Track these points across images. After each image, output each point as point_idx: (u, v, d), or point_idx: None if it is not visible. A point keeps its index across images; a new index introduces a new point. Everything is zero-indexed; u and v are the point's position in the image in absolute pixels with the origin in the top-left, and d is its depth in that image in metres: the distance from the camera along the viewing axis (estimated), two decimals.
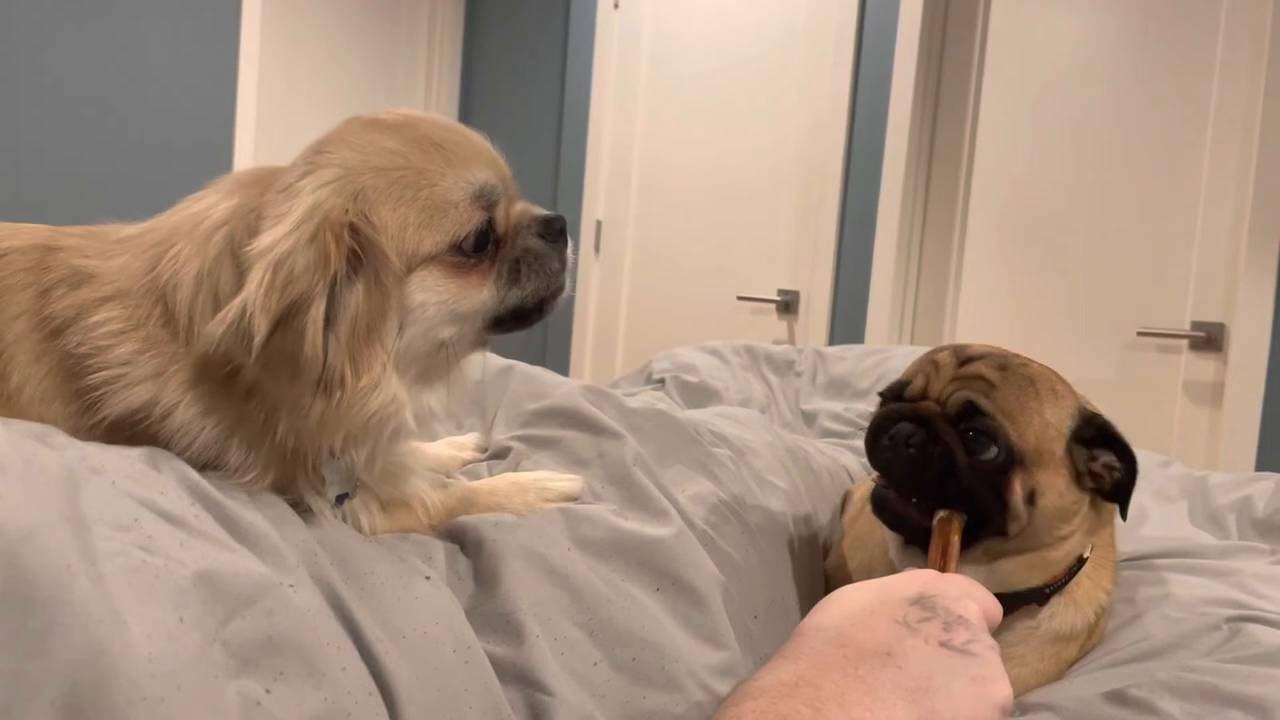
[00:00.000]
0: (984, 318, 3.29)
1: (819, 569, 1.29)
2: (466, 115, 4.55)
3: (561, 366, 4.23)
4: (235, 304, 0.75)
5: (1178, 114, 2.91)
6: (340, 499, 0.88)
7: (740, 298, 3.79)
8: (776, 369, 2.28)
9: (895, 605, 0.75)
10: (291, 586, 0.70)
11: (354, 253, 0.78)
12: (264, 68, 3.80)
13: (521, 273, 0.89)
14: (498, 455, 1.16)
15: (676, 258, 3.97)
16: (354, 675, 0.69)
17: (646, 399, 1.33)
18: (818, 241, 3.60)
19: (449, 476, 1.10)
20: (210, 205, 0.84)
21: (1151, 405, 2.95)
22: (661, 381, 2.19)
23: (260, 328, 0.74)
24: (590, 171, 4.18)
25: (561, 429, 1.15)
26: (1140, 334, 2.94)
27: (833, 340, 3.54)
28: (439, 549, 0.92)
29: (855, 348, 2.38)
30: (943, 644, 0.72)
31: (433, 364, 0.88)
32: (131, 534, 0.61)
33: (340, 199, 0.79)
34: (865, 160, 3.47)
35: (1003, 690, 0.70)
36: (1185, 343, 2.90)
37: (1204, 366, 2.88)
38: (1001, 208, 3.25)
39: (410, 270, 0.82)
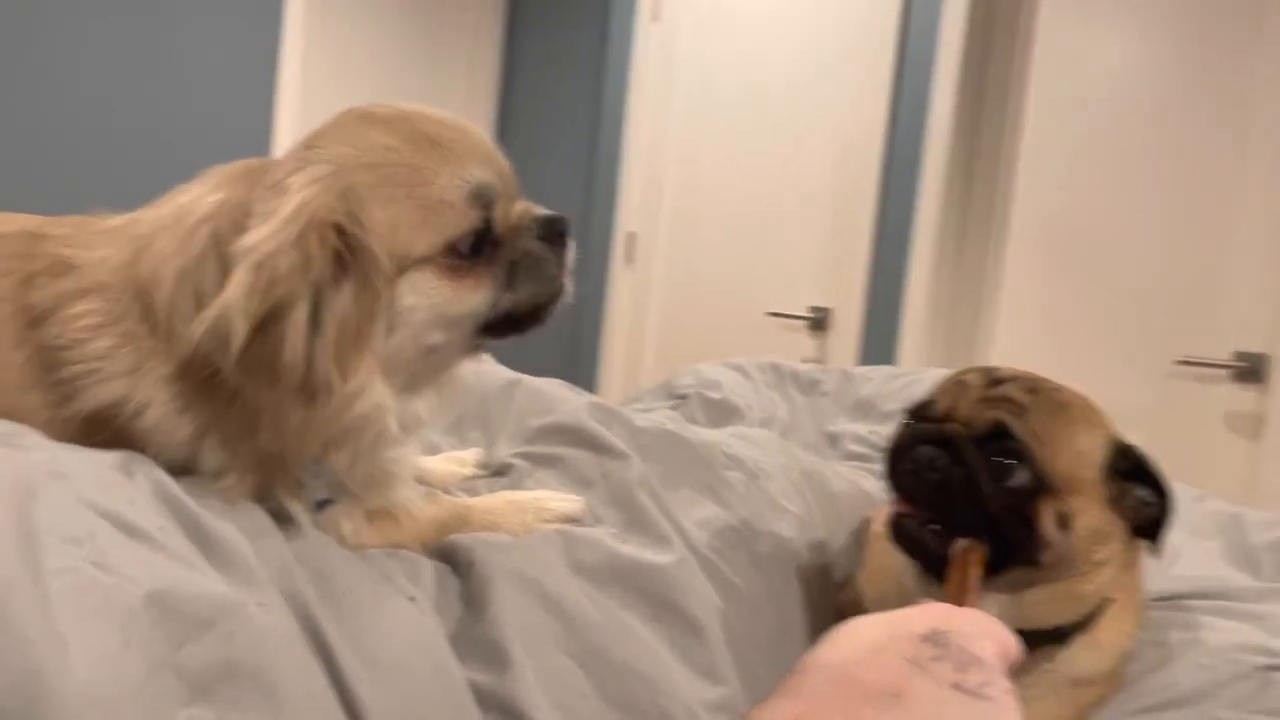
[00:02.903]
0: (1020, 340, 3.21)
1: (831, 598, 1.24)
2: (504, 124, 4.54)
3: (589, 379, 4.19)
4: (216, 306, 0.72)
5: (1221, 136, 2.83)
6: (321, 505, 0.85)
7: (770, 314, 3.74)
8: (802, 388, 2.23)
9: (906, 642, 0.69)
10: (260, 605, 0.67)
11: (341, 254, 0.75)
12: (305, 74, 3.81)
13: (518, 277, 0.86)
14: (499, 472, 1.12)
15: (707, 271, 3.92)
16: (320, 703, 0.65)
17: (657, 418, 1.29)
18: (851, 258, 3.54)
19: (447, 492, 1.07)
20: (196, 199, 0.81)
21: (1189, 437, 2.86)
22: (684, 397, 2.15)
23: (239, 331, 0.71)
24: (623, 183, 4.14)
25: (565, 447, 1.12)
26: (1179, 363, 2.85)
27: (864, 360, 3.47)
28: (428, 568, 0.88)
29: (883, 369, 2.33)
30: (955, 685, 0.67)
31: (421, 369, 0.84)
32: (84, 549, 0.58)
33: (329, 197, 0.76)
34: (901, 177, 3.41)
35: None
36: (1227, 373, 2.81)
37: (1245, 398, 2.78)
38: (1040, 229, 3.18)
39: (401, 272, 0.79)
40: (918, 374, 2.18)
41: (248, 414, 0.77)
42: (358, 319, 0.77)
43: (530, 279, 0.86)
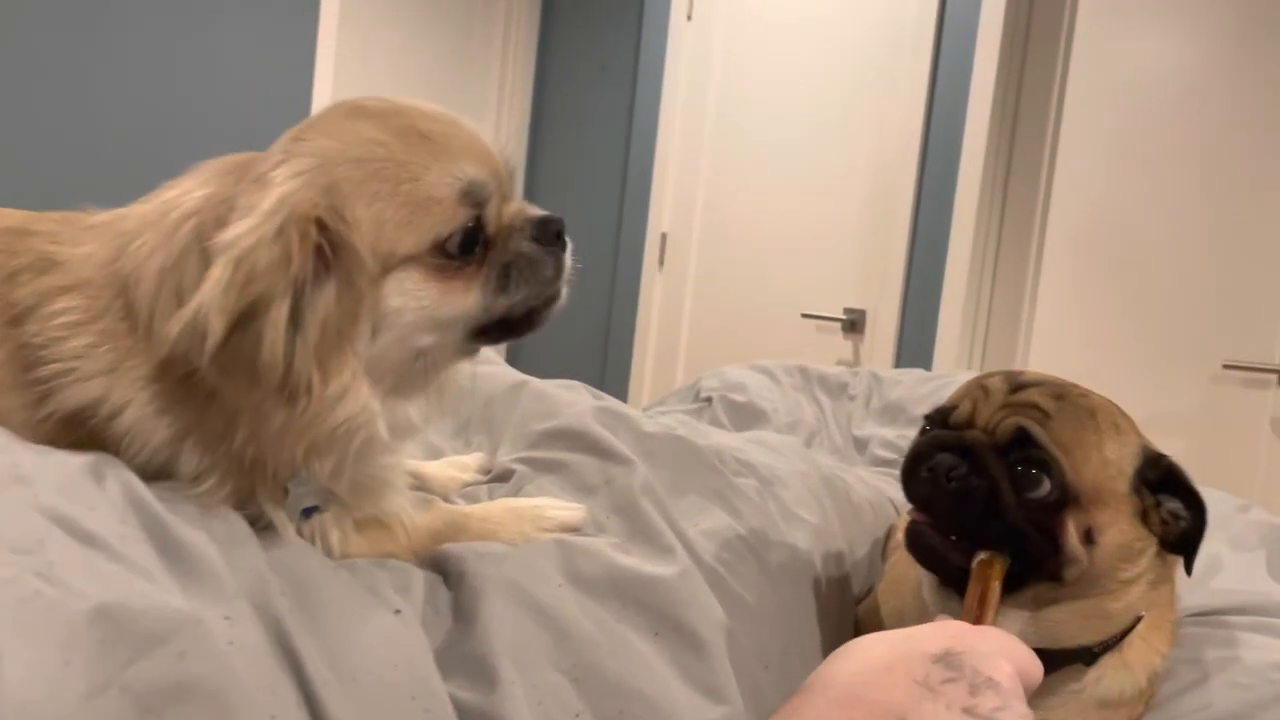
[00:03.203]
0: (1058, 344, 3.14)
1: (849, 613, 1.20)
2: (537, 124, 4.52)
3: (622, 380, 4.16)
4: (192, 302, 0.70)
5: (1266, 135, 2.75)
6: (308, 512, 0.82)
7: (805, 315, 3.69)
8: (829, 391, 2.18)
9: (917, 662, 0.65)
10: (227, 618, 0.64)
11: (324, 250, 0.72)
12: (339, 78, 3.81)
13: (511, 279, 0.82)
14: (500, 478, 1.09)
15: (741, 273, 3.88)
16: None
17: (667, 422, 1.25)
18: (887, 260, 3.49)
19: (447, 499, 1.04)
20: (182, 193, 0.79)
21: (1236, 443, 2.78)
22: (708, 400, 2.11)
23: (215, 329, 0.69)
24: (657, 183, 4.11)
25: (569, 452, 1.08)
26: (1226, 367, 2.78)
27: (899, 362, 3.42)
28: (418, 579, 0.85)
29: (914, 372, 2.27)
30: (966, 710, 0.62)
31: (410, 373, 0.81)
32: (31, 558, 0.55)
33: (311, 192, 0.73)
34: (938, 178, 3.35)
35: None
36: (1275, 377, 2.74)
37: None
38: (1080, 230, 3.11)
39: (387, 271, 0.75)
40: (949, 377, 2.12)
41: (227, 417, 0.74)
42: (340, 319, 0.74)
43: (524, 282, 0.82)
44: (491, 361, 1.39)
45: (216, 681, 0.58)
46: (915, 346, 3.40)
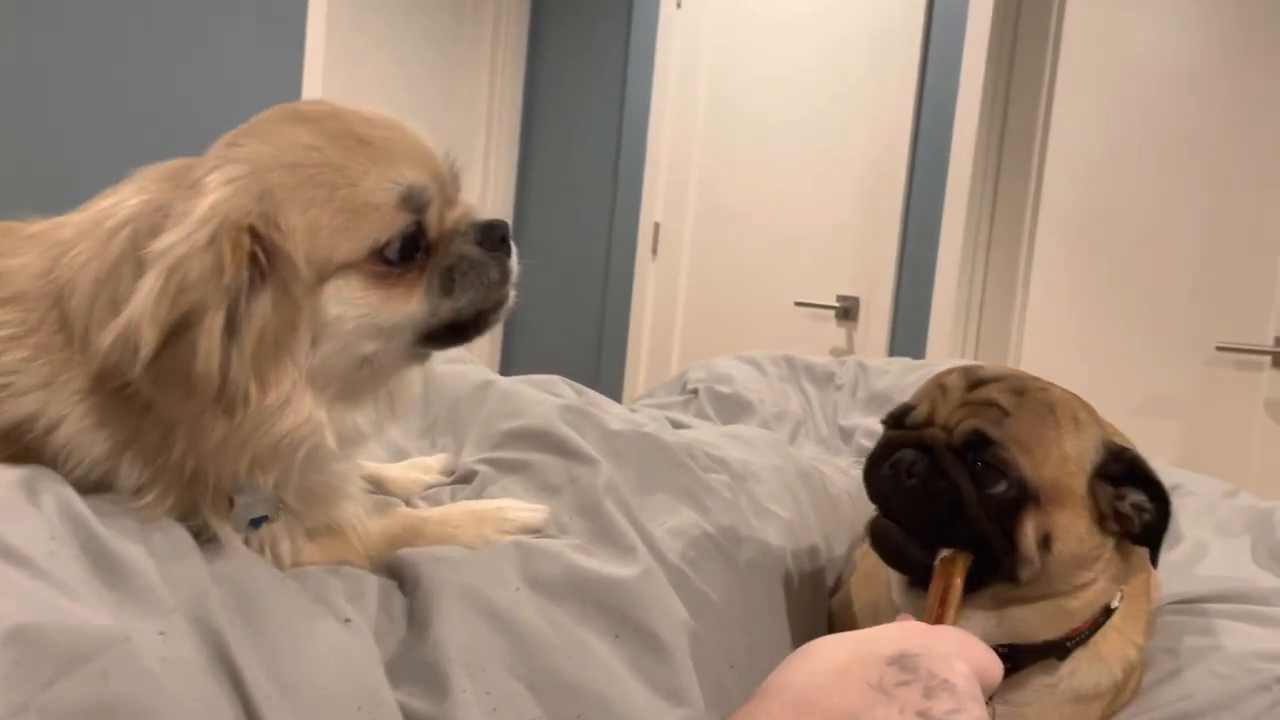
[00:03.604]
0: (1052, 329, 3.12)
1: (822, 608, 1.19)
2: (529, 115, 4.50)
3: (617, 372, 4.15)
4: (124, 314, 0.68)
5: (1260, 117, 2.72)
6: (257, 522, 0.80)
7: (798, 303, 3.67)
8: (816, 381, 2.17)
9: (872, 665, 0.64)
10: (161, 634, 0.63)
11: (258, 259, 0.71)
12: (328, 74, 3.79)
13: (456, 283, 0.80)
14: (463, 479, 1.08)
15: (734, 261, 3.86)
16: None
17: (637, 419, 1.24)
18: (879, 247, 3.46)
19: (408, 502, 1.03)
20: (118, 202, 0.77)
21: (1230, 425, 2.76)
22: (695, 392, 2.09)
23: (148, 340, 0.67)
24: (649, 173, 4.08)
25: (533, 452, 1.07)
26: (1220, 349, 2.76)
27: (893, 349, 3.40)
28: (372, 586, 0.84)
29: (900, 361, 2.26)
30: (920, 713, 0.61)
31: (356, 381, 0.80)
32: None
33: (243, 199, 0.71)
34: (930, 164, 3.32)
35: None
36: (1269, 359, 2.71)
37: None
38: (1072, 215, 3.08)
39: (324, 279, 0.74)
40: (936, 366, 2.11)
41: (164, 429, 0.73)
42: (278, 328, 0.72)
43: (470, 286, 0.81)
44: (460, 361, 1.38)
45: (142, 700, 0.57)
46: (909, 333, 3.39)
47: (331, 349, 0.76)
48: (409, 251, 0.77)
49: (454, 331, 0.82)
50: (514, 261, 0.83)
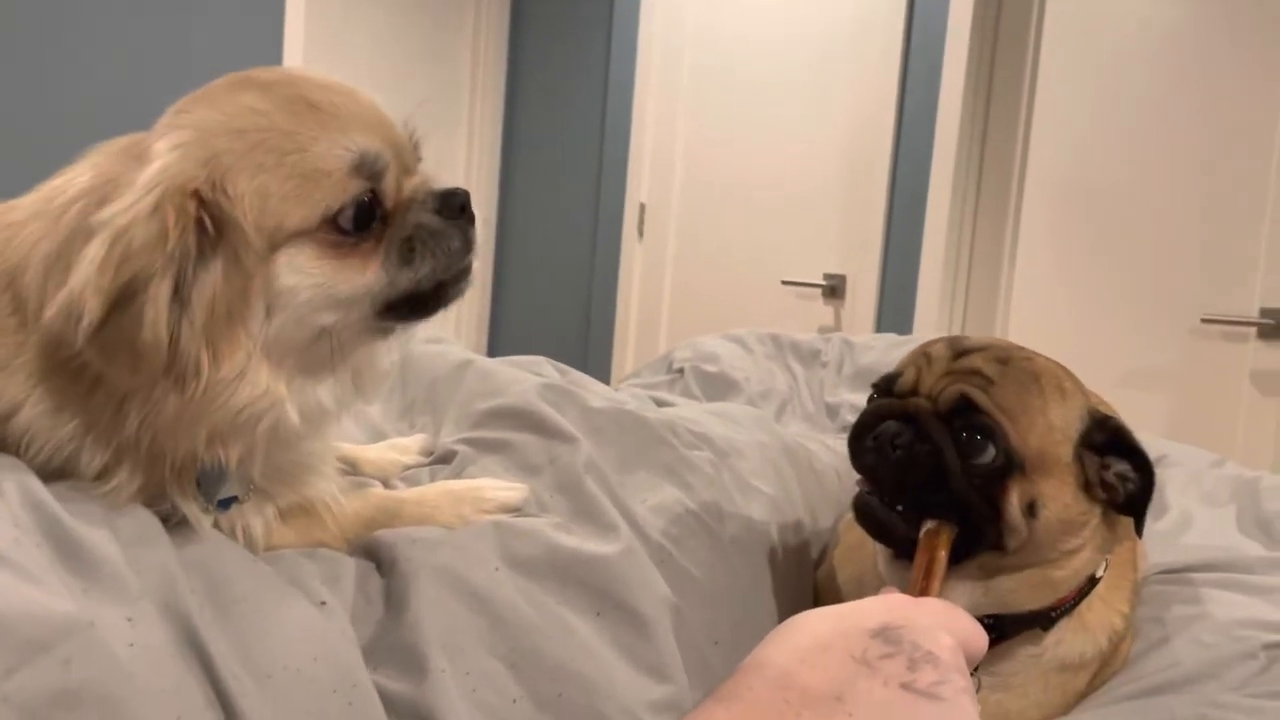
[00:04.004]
0: (1038, 303, 3.12)
1: (807, 583, 1.18)
2: (512, 95, 4.47)
3: (605, 353, 4.14)
4: (69, 283, 0.67)
5: (1245, 89, 2.71)
6: (226, 503, 0.79)
7: (785, 282, 3.66)
8: (802, 358, 2.16)
9: (854, 639, 0.63)
10: (129, 620, 0.62)
11: (206, 226, 0.69)
12: (309, 48, 3.75)
13: (415, 252, 0.78)
14: (442, 459, 1.06)
15: (720, 241, 3.85)
16: None
17: (619, 397, 1.22)
18: (866, 225, 3.45)
19: (386, 483, 1.01)
20: (69, 179, 0.75)
21: (1215, 397, 2.76)
22: (681, 371, 2.08)
23: (92, 308, 0.66)
24: (634, 153, 4.06)
25: (512, 431, 1.05)
26: (1205, 321, 2.75)
27: (880, 326, 3.39)
28: (349, 568, 0.83)
29: (886, 337, 2.25)
30: (904, 686, 0.60)
31: (316, 354, 0.78)
32: None
33: (188, 164, 0.70)
34: (915, 141, 3.31)
35: None
36: (1253, 330, 2.71)
37: (1273, 355, 2.68)
38: (1057, 189, 3.07)
39: (275, 248, 0.72)
40: (921, 341, 2.10)
41: (115, 404, 0.71)
42: (230, 298, 0.71)
43: (429, 255, 0.78)
44: (439, 341, 1.36)
45: (108, 687, 0.56)
46: (896, 310, 3.38)
47: (286, 320, 0.74)
48: (364, 220, 0.75)
49: (414, 304, 0.80)
50: (476, 231, 0.81)
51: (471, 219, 0.81)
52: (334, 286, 0.75)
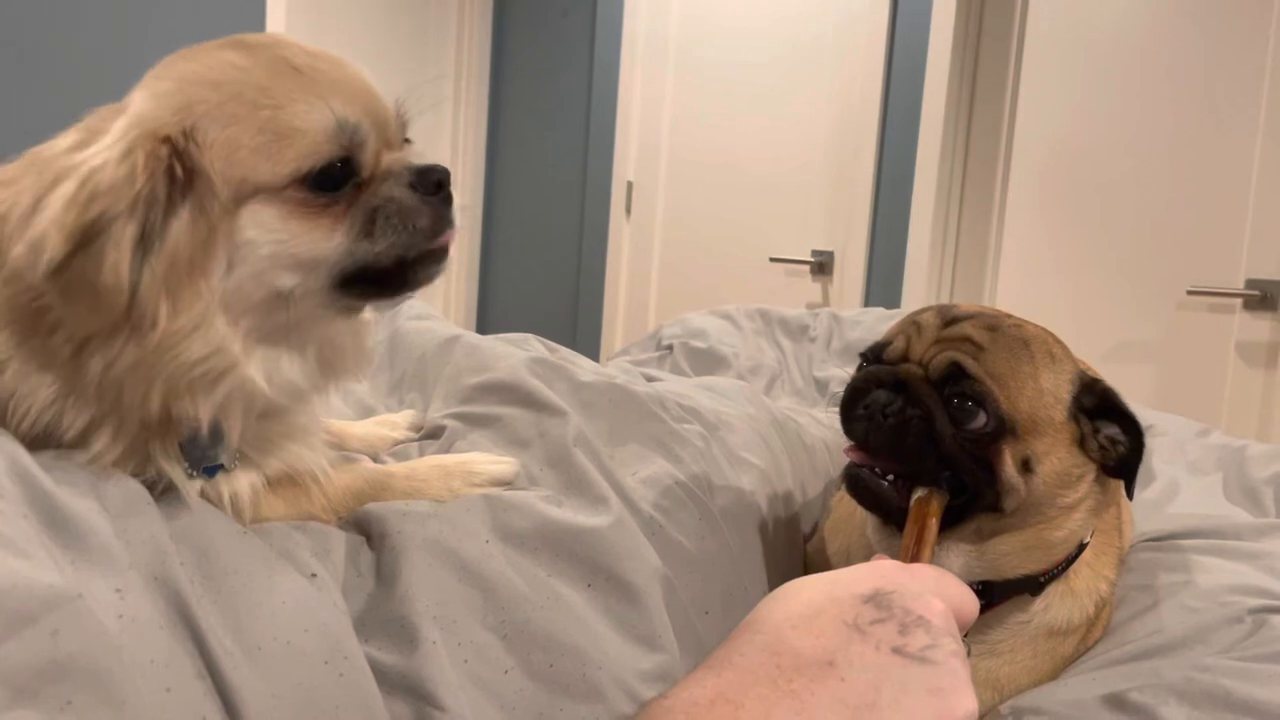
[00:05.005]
0: (1026, 278, 3.12)
1: (797, 555, 1.19)
2: (498, 75, 4.44)
3: (594, 331, 4.13)
4: (36, 222, 0.67)
5: (1230, 62, 2.71)
6: (212, 470, 0.78)
7: (773, 259, 3.66)
8: (790, 333, 2.17)
9: (846, 604, 0.63)
10: (118, 591, 0.62)
11: (176, 173, 0.69)
12: (291, 24, 3.71)
13: (377, 224, 0.76)
14: (431, 435, 1.06)
15: (708, 218, 3.84)
16: (181, 695, 0.60)
17: (607, 371, 1.22)
18: (853, 201, 3.45)
19: (375, 458, 1.01)
20: (60, 138, 0.75)
21: (1202, 368, 2.78)
22: (670, 348, 2.09)
23: (54, 245, 0.65)
24: (620, 132, 4.05)
25: (502, 406, 1.05)
26: (1191, 293, 2.76)
27: (868, 302, 3.40)
28: (339, 541, 0.83)
29: (873, 311, 2.26)
30: (896, 650, 0.60)
31: (273, 320, 0.76)
32: None
33: (163, 112, 0.70)
34: (902, 116, 3.31)
35: (964, 704, 0.58)
36: (1239, 302, 2.72)
37: (1259, 327, 2.69)
38: (1044, 163, 3.08)
39: (241, 201, 0.71)
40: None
41: (75, 347, 0.71)
42: (193, 249, 0.70)
43: (391, 229, 0.77)
44: (426, 317, 1.36)
45: (96, 659, 0.56)
46: (884, 286, 3.38)
47: (245, 274, 0.73)
48: (334, 184, 0.74)
49: (376, 280, 0.79)
50: (454, 212, 0.80)
51: (448, 199, 0.79)
52: (295, 246, 0.74)
